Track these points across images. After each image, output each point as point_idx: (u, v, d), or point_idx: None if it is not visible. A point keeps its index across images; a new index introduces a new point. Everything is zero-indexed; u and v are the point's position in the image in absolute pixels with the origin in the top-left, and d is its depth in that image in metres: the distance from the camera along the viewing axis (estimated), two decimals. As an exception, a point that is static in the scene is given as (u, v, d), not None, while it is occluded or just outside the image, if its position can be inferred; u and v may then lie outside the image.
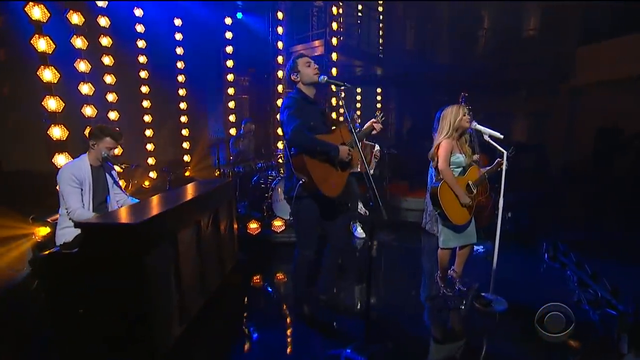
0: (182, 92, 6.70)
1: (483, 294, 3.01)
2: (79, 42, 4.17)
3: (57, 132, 3.42)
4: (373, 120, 2.70)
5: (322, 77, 2.32)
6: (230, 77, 6.90)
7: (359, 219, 5.07)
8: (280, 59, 6.56)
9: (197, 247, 2.67)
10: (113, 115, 5.15)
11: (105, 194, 2.82)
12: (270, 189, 4.35)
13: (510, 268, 3.63)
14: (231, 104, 7.02)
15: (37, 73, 3.26)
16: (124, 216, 2.02)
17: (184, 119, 6.80)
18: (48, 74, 3.35)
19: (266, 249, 4.05)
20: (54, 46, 3.36)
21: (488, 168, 2.92)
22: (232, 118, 7.08)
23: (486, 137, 2.73)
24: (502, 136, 2.64)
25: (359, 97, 9.91)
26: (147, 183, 5.36)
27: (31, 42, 3.20)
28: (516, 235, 4.85)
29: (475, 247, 4.13)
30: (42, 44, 3.29)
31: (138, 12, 5.84)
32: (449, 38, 10.21)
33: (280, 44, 6.50)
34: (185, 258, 2.43)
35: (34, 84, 3.32)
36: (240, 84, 8.27)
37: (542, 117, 9.68)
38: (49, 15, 3.30)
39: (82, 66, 4.24)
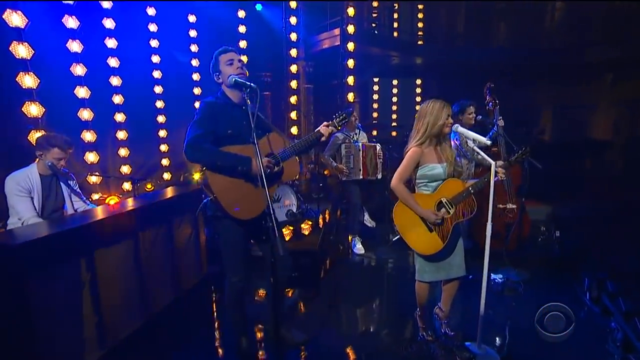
0: (197, 91, 6.84)
1: (468, 343, 2.50)
2: (75, 46, 4.38)
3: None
4: (325, 123, 2.38)
5: (230, 77, 2.06)
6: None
7: (363, 231, 4.69)
8: (293, 52, 6.35)
9: (133, 264, 2.59)
10: (120, 117, 5.40)
11: (60, 203, 2.87)
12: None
13: (532, 307, 3.01)
14: (246, 102, 6.97)
15: (17, 79, 3.46)
16: (16, 234, 1.98)
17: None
18: (28, 80, 3.55)
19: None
20: (33, 52, 3.54)
21: (474, 181, 2.38)
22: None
23: (470, 144, 2.23)
24: (489, 142, 2.13)
25: (395, 90, 9.35)
26: (149, 186, 5.54)
27: (10, 48, 3.39)
28: (559, 261, 4.08)
29: (493, 276, 3.56)
30: (22, 51, 3.48)
31: (151, 11, 6.04)
32: (508, 15, 9.12)
33: (293, 36, 6.29)
34: (111, 277, 2.36)
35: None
36: (261, 79, 8.27)
37: (635, 107, 8.25)
38: (27, 21, 3.47)
39: (79, 70, 4.46)
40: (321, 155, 4.49)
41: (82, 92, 4.51)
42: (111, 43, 5.21)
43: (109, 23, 5.18)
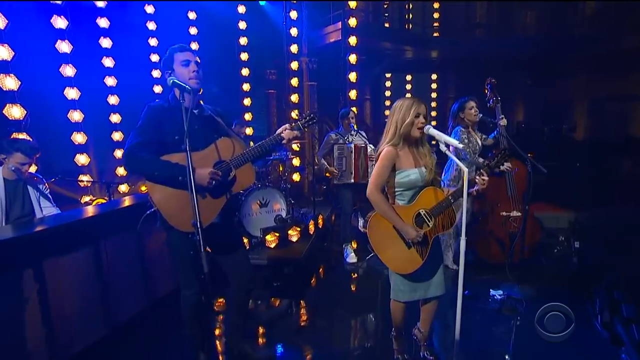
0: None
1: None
2: (64, 47, 4.45)
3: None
4: (285, 126, 2.24)
5: (169, 79, 1.95)
6: (245, 71, 6.82)
7: (359, 239, 4.51)
8: (294, 47, 6.23)
9: (94, 273, 2.56)
10: (115, 117, 5.47)
11: (27, 208, 2.89)
12: (240, 201, 4.09)
13: (530, 329, 2.76)
14: (246, 101, 6.94)
15: (-3, 81, 3.53)
16: None
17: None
18: (10, 82, 3.61)
19: (223, 271, 3.81)
20: (13, 53, 3.60)
21: (454, 189, 2.16)
22: (247, 116, 7.02)
23: (442, 147, 2.02)
24: (461, 145, 1.93)
25: (409, 87, 9.06)
26: (143, 188, 5.57)
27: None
28: (575, 277, 3.74)
29: (492, 292, 3.30)
30: (2, 52, 3.54)
31: (150, 9, 6.09)
32: (535, 2, 8.61)
33: (294, 31, 6.17)
34: (66, 288, 2.33)
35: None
36: (267, 77, 8.21)
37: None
38: (6, 22, 3.53)
39: (69, 70, 4.53)
40: (316, 156, 4.36)
41: (72, 93, 4.58)
42: (106, 43, 5.29)
43: (103, 22, 5.25)
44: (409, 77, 8.94)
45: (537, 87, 9.71)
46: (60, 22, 4.40)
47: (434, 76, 8.95)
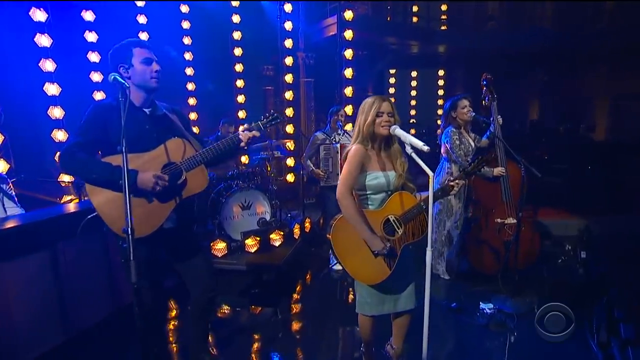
0: (190, 86, 6.83)
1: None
2: (44, 40, 4.46)
3: None
4: (245, 126, 2.17)
5: (110, 75, 1.88)
6: (238, 67, 6.76)
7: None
8: (288, 42, 6.15)
9: (50, 278, 2.52)
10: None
11: (-10, 208, 2.88)
12: (221, 203, 4.03)
13: (519, 349, 2.62)
14: (240, 98, 6.88)
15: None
16: None
17: (193, 116, 6.92)
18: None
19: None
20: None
21: (426, 195, 2.05)
22: (241, 114, 6.96)
23: (408, 149, 1.91)
24: (427, 148, 1.81)
25: (414, 83, 8.89)
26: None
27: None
28: (578, 290, 3.56)
29: (482, 306, 3.15)
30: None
31: (140, 3, 6.07)
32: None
33: (288, 25, 6.08)
34: (13, 294, 2.29)
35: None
36: (264, 74, 8.15)
37: None
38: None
39: (49, 65, 4.53)
40: (301, 157, 4.28)
41: (52, 89, 4.58)
42: (91, 37, 5.29)
43: (88, 15, 5.25)
44: (414, 74, 8.78)
45: (554, 83, 9.43)
46: (39, 15, 4.40)
47: (441, 72, 8.77)
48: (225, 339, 2.88)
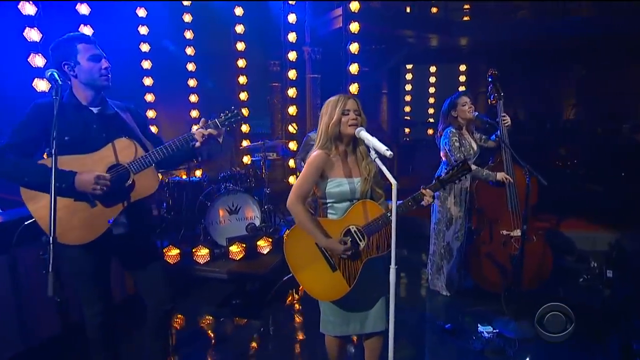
0: (192, 82, 6.89)
1: None
2: (33, 35, 4.59)
3: None
4: (198, 126, 2.14)
5: (47, 70, 1.88)
6: (241, 62, 6.77)
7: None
8: (291, 36, 6.10)
9: (8, 287, 2.56)
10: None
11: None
12: (206, 206, 4.02)
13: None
14: (242, 95, 6.90)
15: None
16: None
17: (194, 114, 6.98)
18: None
19: (180, 283, 3.76)
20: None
21: (398, 203, 1.94)
22: (244, 112, 6.98)
23: (372, 154, 1.82)
24: (390, 153, 1.72)
25: (433, 79, 8.67)
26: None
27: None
28: (599, 314, 3.32)
29: (480, 329, 2.99)
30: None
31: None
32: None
33: (292, 17, 6.03)
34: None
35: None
36: (270, 69, 8.15)
37: None
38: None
39: (38, 61, 4.66)
40: (294, 159, 4.23)
41: (41, 85, 4.72)
42: (87, 31, 5.42)
43: (83, 9, 5.39)
44: (433, 69, 8.57)
45: (594, 78, 8.97)
46: (29, 8, 4.54)
47: (462, 67, 8.50)
48: (194, 353, 2.85)
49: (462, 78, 8.51)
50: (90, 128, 2.00)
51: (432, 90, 8.52)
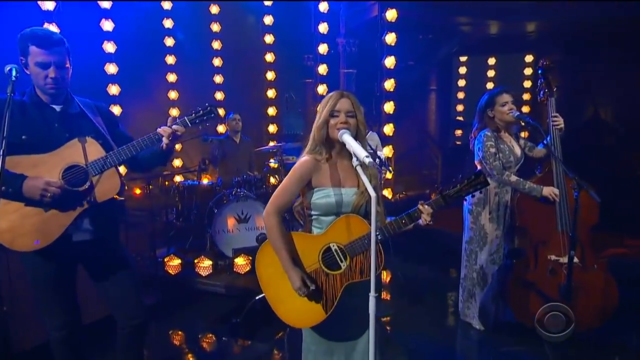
0: (218, 79, 7.03)
1: None
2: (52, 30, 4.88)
3: None
4: (164, 128, 2.08)
5: (6, 66, 1.88)
6: (269, 57, 6.80)
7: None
8: (322, 27, 6.02)
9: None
10: (116, 110, 5.85)
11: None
12: (213, 213, 4.01)
13: None
14: (270, 93, 6.92)
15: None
16: None
17: (220, 112, 7.12)
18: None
19: (180, 296, 3.75)
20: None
21: (387, 221, 1.79)
22: (271, 111, 7.02)
23: (354, 161, 1.67)
24: (368, 160, 1.56)
25: (491, 73, 8.17)
26: (138, 191, 5.83)
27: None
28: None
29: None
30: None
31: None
32: None
33: (323, 6, 5.95)
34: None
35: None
36: (304, 63, 8.12)
37: None
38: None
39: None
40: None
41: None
42: (107, 25, 5.69)
43: (105, 3, 5.67)
44: (491, 61, 8.06)
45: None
46: (48, 4, 4.83)
47: (528, 58, 7.92)
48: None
49: (528, 71, 7.93)
50: (52, 127, 2.00)
51: (490, 85, 8.00)
